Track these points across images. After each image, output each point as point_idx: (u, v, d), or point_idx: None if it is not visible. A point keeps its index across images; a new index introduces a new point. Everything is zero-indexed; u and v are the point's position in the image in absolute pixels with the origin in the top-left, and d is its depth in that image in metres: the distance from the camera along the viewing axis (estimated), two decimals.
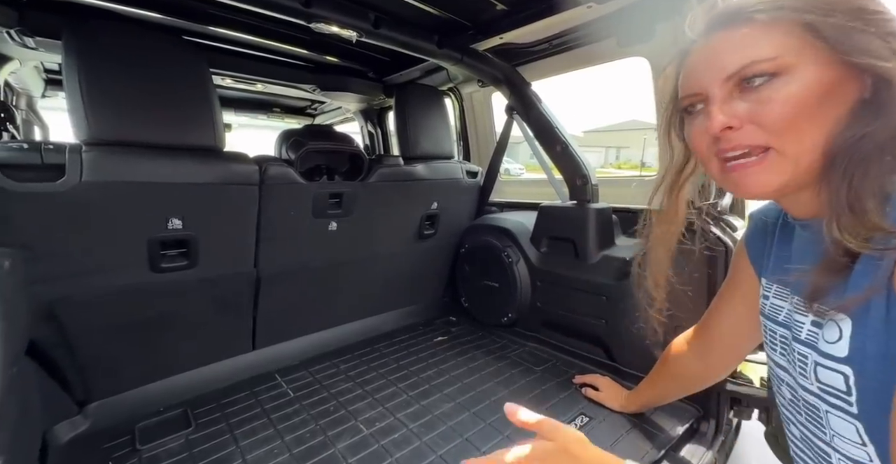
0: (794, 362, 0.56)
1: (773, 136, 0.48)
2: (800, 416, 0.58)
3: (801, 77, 0.46)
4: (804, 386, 0.54)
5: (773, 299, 0.65)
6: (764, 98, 0.48)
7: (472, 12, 1.68)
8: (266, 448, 1.20)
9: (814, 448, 0.56)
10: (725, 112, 0.50)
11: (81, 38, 1.07)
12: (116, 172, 1.11)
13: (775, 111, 0.47)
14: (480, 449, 1.17)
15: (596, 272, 1.58)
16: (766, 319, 0.67)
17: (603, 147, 36.88)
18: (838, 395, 0.48)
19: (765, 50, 0.48)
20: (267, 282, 1.57)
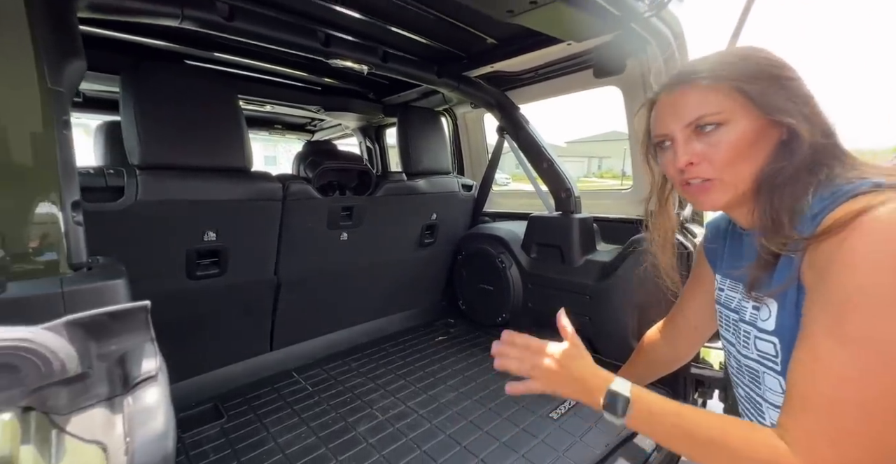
0: (739, 337, 0.73)
1: (718, 170, 0.65)
2: (744, 379, 0.74)
3: (737, 127, 0.63)
4: (746, 355, 0.71)
5: (727, 291, 0.81)
6: (713, 141, 0.64)
7: (466, 45, 1.90)
8: (294, 433, 1.36)
9: (752, 402, 0.73)
10: (687, 152, 0.66)
11: (137, 79, 1.25)
12: (165, 191, 1.28)
13: (720, 152, 0.64)
14: (483, 429, 1.35)
15: (580, 275, 1.79)
16: (720, 306, 0.81)
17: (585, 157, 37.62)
18: (770, 358, 0.64)
19: (711, 107, 0.64)
20: (286, 288, 1.73)
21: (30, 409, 0.33)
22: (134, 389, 0.39)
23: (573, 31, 1.47)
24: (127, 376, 0.40)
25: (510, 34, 1.74)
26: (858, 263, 0.49)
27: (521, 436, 1.31)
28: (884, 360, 0.47)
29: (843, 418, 0.49)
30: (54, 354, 0.32)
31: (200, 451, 1.26)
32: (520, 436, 1.31)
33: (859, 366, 0.49)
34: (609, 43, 1.65)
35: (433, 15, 1.55)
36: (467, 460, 1.21)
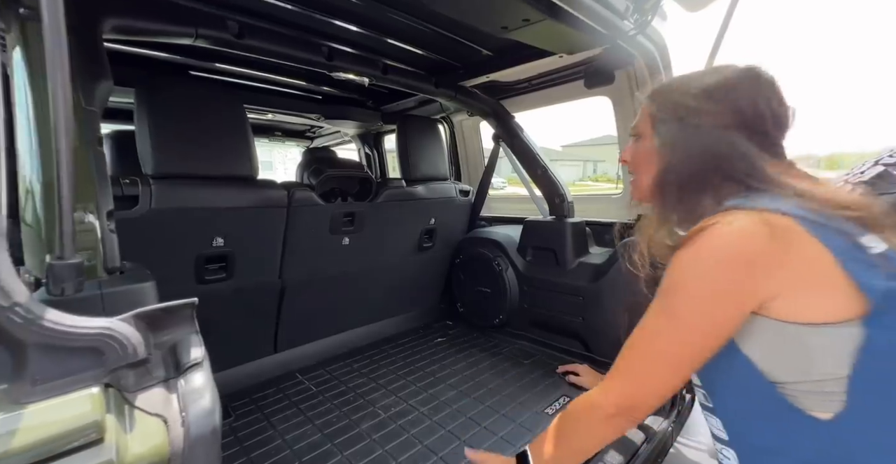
0: None
1: (634, 170, 0.86)
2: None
3: (644, 143, 0.81)
4: None
5: None
6: (632, 148, 0.86)
7: (463, 56, 1.99)
8: (300, 430, 1.42)
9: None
10: (624, 151, 0.88)
11: (151, 93, 1.32)
12: (177, 199, 1.34)
13: (632, 158, 0.85)
14: (481, 424, 1.42)
15: (573, 277, 1.86)
16: None
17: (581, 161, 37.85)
18: None
19: (637, 121, 0.85)
20: (290, 291, 1.80)
21: (109, 386, 0.39)
22: (185, 372, 0.46)
23: (564, 45, 1.56)
24: (178, 362, 0.46)
25: (505, 46, 1.82)
26: (675, 266, 0.67)
27: (518, 430, 1.38)
28: (671, 324, 0.66)
29: (633, 361, 0.73)
30: (128, 340, 0.39)
31: None
32: (516, 430, 1.38)
33: (653, 327, 0.70)
34: (599, 56, 1.74)
35: (431, 29, 1.64)
36: None
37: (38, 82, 0.68)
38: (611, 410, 0.74)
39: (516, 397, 1.58)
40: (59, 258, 0.41)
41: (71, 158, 0.39)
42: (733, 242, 0.60)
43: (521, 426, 1.40)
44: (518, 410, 1.50)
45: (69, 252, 0.40)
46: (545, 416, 1.45)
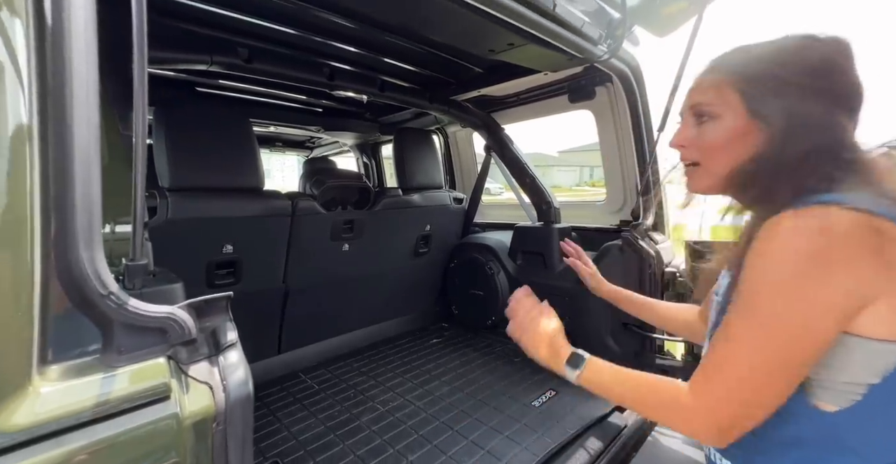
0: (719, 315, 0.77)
1: (701, 156, 0.72)
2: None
3: (724, 122, 0.67)
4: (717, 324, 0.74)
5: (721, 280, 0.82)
6: (703, 131, 0.70)
7: (456, 72, 2.12)
8: (304, 424, 1.53)
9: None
10: (679, 135, 0.74)
11: (168, 113, 1.44)
12: (191, 210, 1.46)
13: (705, 142, 0.70)
14: (473, 416, 1.53)
15: (560, 279, 1.98)
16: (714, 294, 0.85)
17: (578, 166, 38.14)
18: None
19: (708, 98, 0.69)
20: (293, 295, 1.91)
21: (170, 358, 0.51)
22: (223, 351, 0.58)
23: (546, 65, 1.69)
24: (218, 343, 0.58)
25: (494, 64, 1.95)
26: (757, 264, 0.59)
27: (506, 421, 1.49)
28: (766, 332, 0.57)
29: (731, 370, 0.60)
30: (185, 323, 0.51)
31: None
32: (505, 421, 1.49)
33: (750, 335, 0.59)
34: (581, 73, 1.88)
35: (426, 49, 1.77)
36: (458, 441, 1.38)
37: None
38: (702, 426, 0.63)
39: (505, 391, 1.70)
40: (132, 260, 0.53)
41: (143, 185, 0.51)
42: (841, 244, 0.53)
43: (510, 417, 1.51)
44: (506, 402, 1.61)
45: (139, 255, 0.52)
46: (532, 408, 1.57)
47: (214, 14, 1.40)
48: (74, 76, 0.46)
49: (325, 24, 1.51)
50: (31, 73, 0.46)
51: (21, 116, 0.44)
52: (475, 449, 1.34)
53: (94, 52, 0.47)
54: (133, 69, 0.50)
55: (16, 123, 0.44)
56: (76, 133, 0.45)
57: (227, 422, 0.54)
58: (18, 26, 0.45)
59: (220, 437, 0.53)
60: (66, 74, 0.45)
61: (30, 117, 0.45)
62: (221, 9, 1.39)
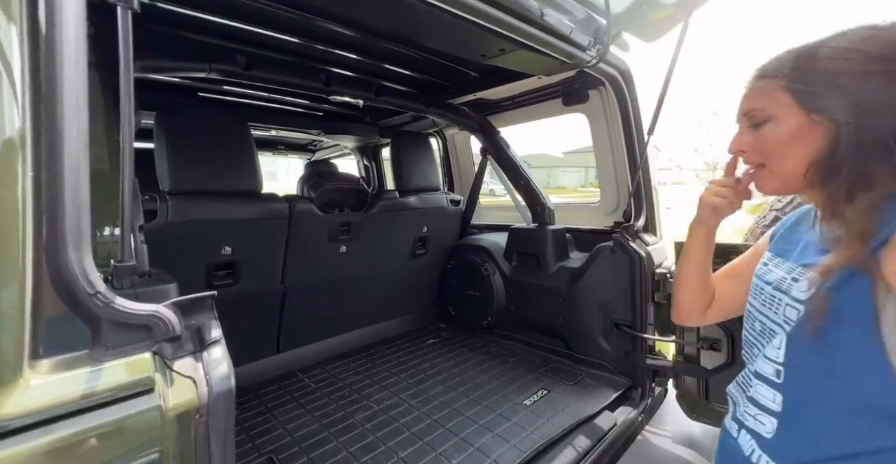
0: (769, 303, 0.74)
1: (764, 159, 0.71)
2: (763, 339, 0.75)
3: (780, 124, 0.67)
4: (773, 319, 0.72)
5: (770, 267, 0.79)
6: (759, 134, 0.70)
7: (451, 76, 2.16)
8: (300, 421, 1.56)
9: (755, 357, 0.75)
10: (735, 141, 0.75)
11: (169, 118, 1.49)
12: (191, 212, 1.50)
13: (764, 145, 0.70)
14: (465, 414, 1.56)
15: (554, 280, 2.00)
16: (757, 279, 0.81)
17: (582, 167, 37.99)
18: (790, 322, 0.67)
19: (758, 103, 0.70)
20: (291, 296, 1.95)
21: (155, 353, 0.55)
22: (207, 347, 0.61)
23: (538, 69, 1.72)
24: (203, 339, 0.62)
25: (489, 68, 1.98)
26: None
27: (497, 419, 1.51)
28: None
29: None
30: (169, 320, 0.54)
31: None
32: (496, 419, 1.51)
33: None
34: (574, 77, 1.91)
35: (423, 55, 1.80)
36: (449, 438, 1.41)
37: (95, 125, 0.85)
38: None
39: (498, 390, 1.72)
40: (120, 261, 0.56)
41: (131, 188, 0.55)
42: None
43: (501, 416, 1.54)
44: (499, 401, 1.64)
45: (127, 257, 0.56)
46: (523, 407, 1.59)
47: (213, 22, 1.44)
48: (65, 84, 0.48)
49: (322, 32, 1.54)
50: (25, 80, 0.49)
51: (15, 123, 0.47)
52: (465, 446, 1.37)
53: (83, 62, 0.50)
54: (120, 80, 0.53)
55: (10, 130, 0.47)
56: (66, 140, 0.47)
57: (209, 414, 0.57)
58: (14, 36, 0.48)
59: (202, 428, 0.57)
60: (58, 83, 0.48)
61: (23, 124, 0.48)
62: (220, 18, 1.43)
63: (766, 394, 0.69)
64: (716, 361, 1.53)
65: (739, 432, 0.74)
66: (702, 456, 1.53)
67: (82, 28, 0.50)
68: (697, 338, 1.56)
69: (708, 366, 1.54)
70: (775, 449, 0.67)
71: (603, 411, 1.57)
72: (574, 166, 37.58)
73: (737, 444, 0.74)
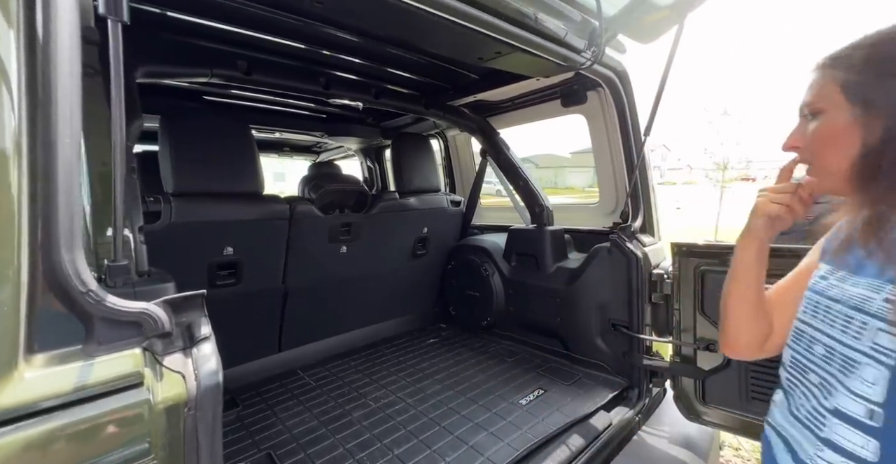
0: (846, 326, 0.63)
1: (812, 156, 0.69)
2: (830, 366, 0.64)
3: (828, 119, 0.64)
4: (849, 344, 0.62)
5: (832, 281, 0.70)
6: (810, 129, 0.67)
7: (452, 78, 2.18)
8: (299, 418, 1.59)
9: (824, 388, 0.64)
10: (791, 135, 0.71)
11: (173, 122, 1.53)
12: (193, 214, 1.54)
13: (812, 140, 0.67)
14: (460, 413, 1.57)
15: (552, 280, 2.01)
16: (814, 294, 0.72)
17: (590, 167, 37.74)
18: (886, 353, 0.57)
19: (812, 96, 0.66)
20: (292, 295, 1.98)
21: (146, 349, 0.57)
22: (197, 343, 0.64)
23: (535, 71, 1.74)
24: (193, 336, 0.64)
25: (489, 70, 2.00)
26: None
27: (492, 418, 1.53)
28: None
29: None
30: (159, 318, 0.57)
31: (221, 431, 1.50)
32: (491, 418, 1.53)
33: None
34: (572, 79, 1.92)
35: (423, 58, 1.83)
36: (444, 436, 1.43)
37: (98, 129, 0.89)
38: None
39: (495, 390, 1.74)
40: (114, 261, 0.59)
41: (123, 190, 0.58)
42: None
43: (496, 415, 1.55)
44: (495, 401, 1.65)
45: (120, 256, 0.59)
46: (519, 406, 1.60)
47: (215, 28, 1.48)
48: (60, 92, 0.51)
49: (323, 36, 1.57)
50: (22, 88, 0.51)
51: (12, 129, 0.50)
52: (459, 444, 1.39)
53: (77, 71, 0.53)
54: (111, 87, 0.56)
55: (6, 136, 0.49)
56: (60, 146, 0.50)
57: (197, 407, 0.59)
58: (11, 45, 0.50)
59: (191, 421, 0.59)
60: (53, 91, 0.51)
61: (19, 131, 0.50)
62: (222, 23, 1.47)
63: (853, 439, 0.58)
64: (712, 362, 1.53)
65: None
66: (698, 457, 1.53)
67: (76, 38, 0.53)
68: (694, 339, 1.56)
69: (705, 367, 1.54)
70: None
71: (598, 411, 1.57)
72: (582, 167, 37.37)
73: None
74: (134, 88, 1.17)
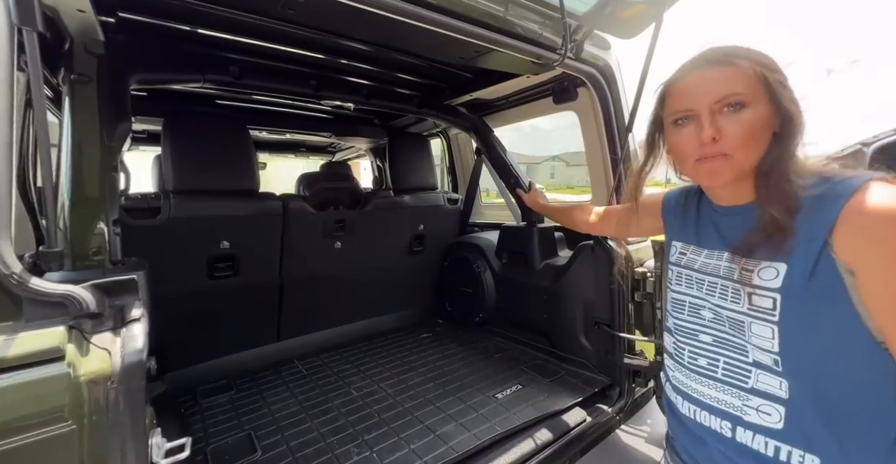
0: (722, 294, 0.75)
1: (733, 147, 0.69)
2: (722, 326, 0.76)
3: (755, 111, 0.67)
4: (730, 308, 0.73)
5: (698, 257, 0.82)
6: (734, 120, 0.68)
7: (448, 78, 2.20)
8: (284, 403, 1.69)
9: (730, 346, 0.75)
10: (713, 127, 0.69)
11: (173, 123, 1.65)
12: (191, 210, 1.65)
13: (739, 132, 0.68)
14: (436, 404, 1.62)
15: (540, 278, 2.02)
16: (680, 268, 0.85)
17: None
18: (766, 311, 0.68)
19: (740, 87, 0.67)
20: (289, 288, 2.08)
21: (72, 327, 0.65)
22: (128, 325, 0.71)
23: (519, 68, 1.74)
24: (124, 318, 0.72)
25: (482, 69, 2.02)
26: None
27: (465, 410, 1.56)
28: None
29: None
30: (83, 299, 0.65)
31: (211, 412, 1.62)
32: (464, 410, 1.56)
33: None
34: (562, 76, 1.91)
35: (418, 58, 1.86)
36: (414, 425, 1.48)
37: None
38: None
39: (474, 383, 1.77)
40: (47, 248, 0.68)
41: (53, 189, 0.66)
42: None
43: (470, 407, 1.58)
44: (472, 394, 1.69)
45: (53, 243, 0.67)
46: (494, 399, 1.63)
47: (204, 35, 1.57)
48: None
49: (312, 40, 1.63)
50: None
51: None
52: (426, 433, 1.43)
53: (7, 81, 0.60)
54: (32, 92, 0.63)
55: None
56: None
57: (120, 381, 0.67)
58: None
59: (114, 394, 0.67)
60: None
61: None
62: (211, 30, 1.56)
63: (771, 383, 0.69)
64: None
65: (734, 430, 0.73)
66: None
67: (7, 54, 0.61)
68: None
69: None
70: (790, 438, 0.67)
71: (573, 407, 1.58)
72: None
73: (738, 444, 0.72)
74: (126, 94, 1.28)
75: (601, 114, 1.82)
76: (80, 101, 1.10)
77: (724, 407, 0.74)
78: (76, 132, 1.07)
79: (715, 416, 0.76)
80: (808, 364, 0.65)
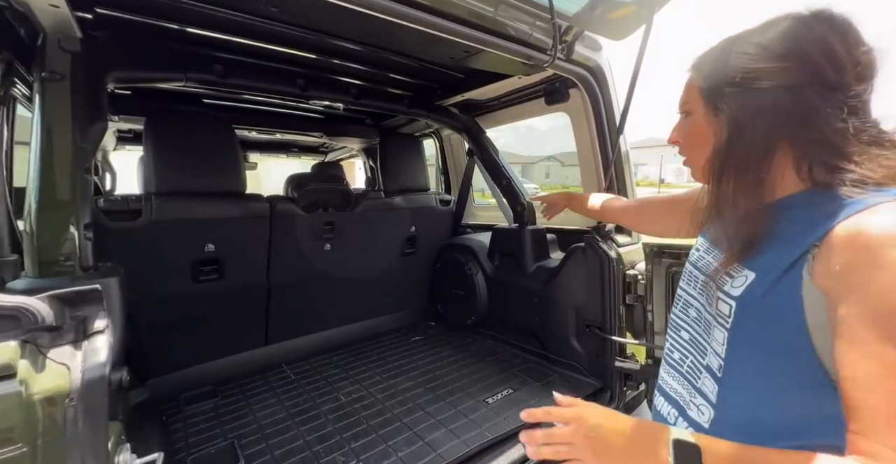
0: (706, 295, 0.74)
1: (683, 152, 0.76)
2: (699, 326, 0.76)
3: (694, 118, 0.71)
4: (709, 311, 0.73)
5: (704, 254, 0.81)
6: (682, 127, 0.74)
7: (439, 78, 2.17)
8: (270, 410, 1.65)
9: (696, 344, 0.76)
10: (672, 132, 0.77)
11: (155, 123, 1.61)
12: (174, 212, 1.61)
13: (684, 138, 0.74)
14: (425, 409, 1.59)
15: (531, 280, 1.99)
16: (690, 265, 0.84)
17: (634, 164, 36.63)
18: (723, 317, 0.67)
19: (683, 96, 0.73)
20: (276, 291, 2.04)
21: (27, 342, 0.62)
22: (90, 337, 0.68)
23: (510, 69, 1.71)
24: (87, 330, 0.68)
25: (473, 69, 1.99)
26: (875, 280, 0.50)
27: (455, 415, 1.53)
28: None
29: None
30: (39, 312, 0.61)
31: (193, 421, 1.58)
32: (454, 415, 1.54)
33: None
34: (554, 76, 1.88)
35: (407, 59, 1.83)
36: (402, 432, 1.45)
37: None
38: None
39: (465, 388, 1.74)
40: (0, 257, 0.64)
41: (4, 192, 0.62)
42: None
43: (460, 412, 1.56)
44: (462, 398, 1.66)
45: (6, 253, 0.64)
46: (484, 404, 1.60)
47: (187, 32, 1.53)
48: None
49: (300, 39, 1.59)
50: None
51: None
52: (415, 440, 1.40)
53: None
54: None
55: None
56: None
57: (80, 399, 0.63)
58: None
59: (72, 412, 0.63)
60: None
61: None
62: (194, 28, 1.52)
63: (710, 387, 0.70)
64: None
65: (677, 420, 0.76)
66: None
67: None
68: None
69: None
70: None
71: None
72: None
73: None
74: (103, 93, 1.24)
75: (592, 115, 1.80)
76: (52, 99, 1.06)
77: (677, 397, 0.77)
78: (46, 132, 1.03)
79: (669, 403, 0.79)
80: (742, 378, 0.66)
